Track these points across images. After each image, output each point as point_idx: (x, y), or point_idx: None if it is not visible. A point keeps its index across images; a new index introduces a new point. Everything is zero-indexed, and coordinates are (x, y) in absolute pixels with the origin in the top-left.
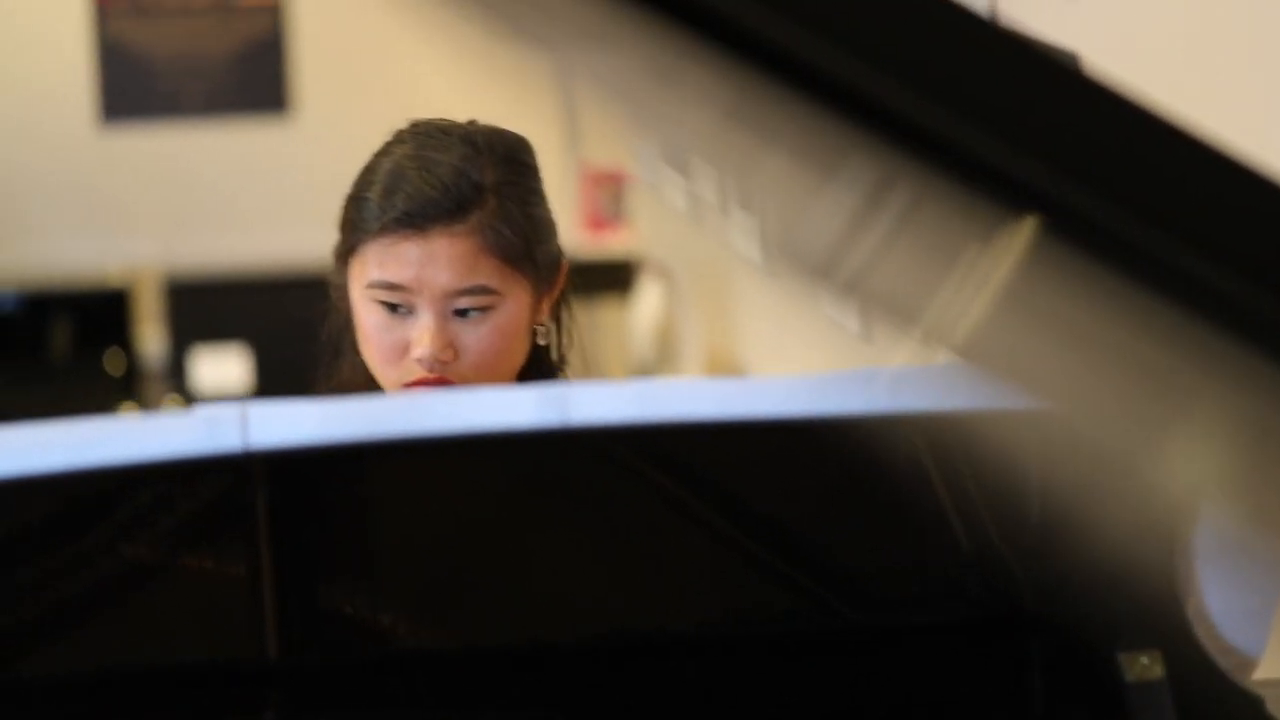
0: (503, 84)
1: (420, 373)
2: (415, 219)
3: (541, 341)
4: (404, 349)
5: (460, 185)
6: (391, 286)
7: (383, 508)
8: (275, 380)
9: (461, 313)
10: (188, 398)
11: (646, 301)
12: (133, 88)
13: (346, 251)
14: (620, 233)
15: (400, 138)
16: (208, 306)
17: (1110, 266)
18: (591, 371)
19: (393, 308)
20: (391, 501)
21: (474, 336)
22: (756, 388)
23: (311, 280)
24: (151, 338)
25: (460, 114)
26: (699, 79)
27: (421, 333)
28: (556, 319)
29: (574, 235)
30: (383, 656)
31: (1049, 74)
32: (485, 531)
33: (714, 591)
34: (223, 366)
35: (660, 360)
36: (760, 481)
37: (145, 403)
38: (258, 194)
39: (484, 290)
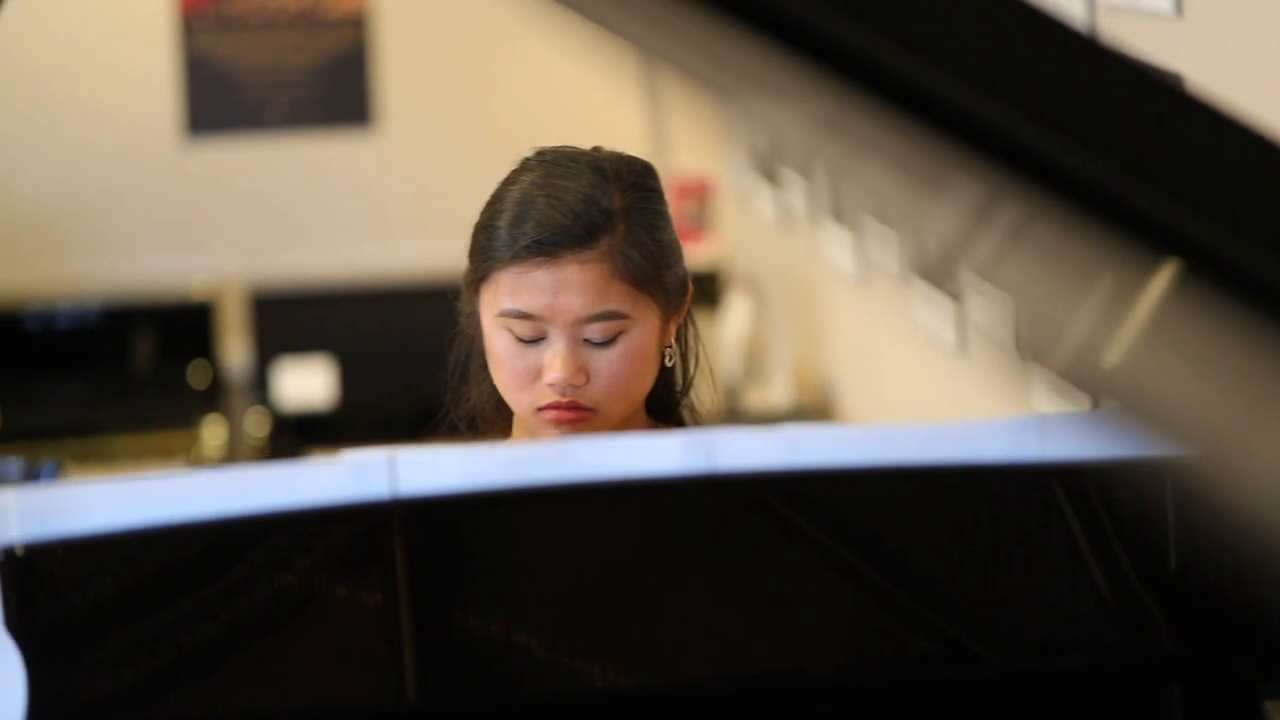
0: (587, 95)
1: (552, 397)
2: (546, 246)
3: (668, 363)
4: (536, 374)
5: (589, 212)
6: (523, 315)
7: (528, 553)
8: (358, 392)
9: (593, 338)
10: (271, 410)
11: (735, 315)
12: (217, 101)
13: (477, 279)
14: (706, 243)
15: (527, 165)
16: (291, 319)
17: (1239, 303)
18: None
19: (524, 335)
20: (536, 547)
21: (605, 361)
22: (903, 434)
23: (394, 293)
24: (235, 350)
25: (544, 125)
26: (798, 91)
27: (554, 358)
28: (682, 342)
29: None
30: (521, 698)
31: (1153, 93)
32: (627, 576)
33: (854, 635)
34: (306, 379)
35: (748, 374)
36: (903, 527)
37: (229, 415)
38: (341, 207)
39: (615, 315)
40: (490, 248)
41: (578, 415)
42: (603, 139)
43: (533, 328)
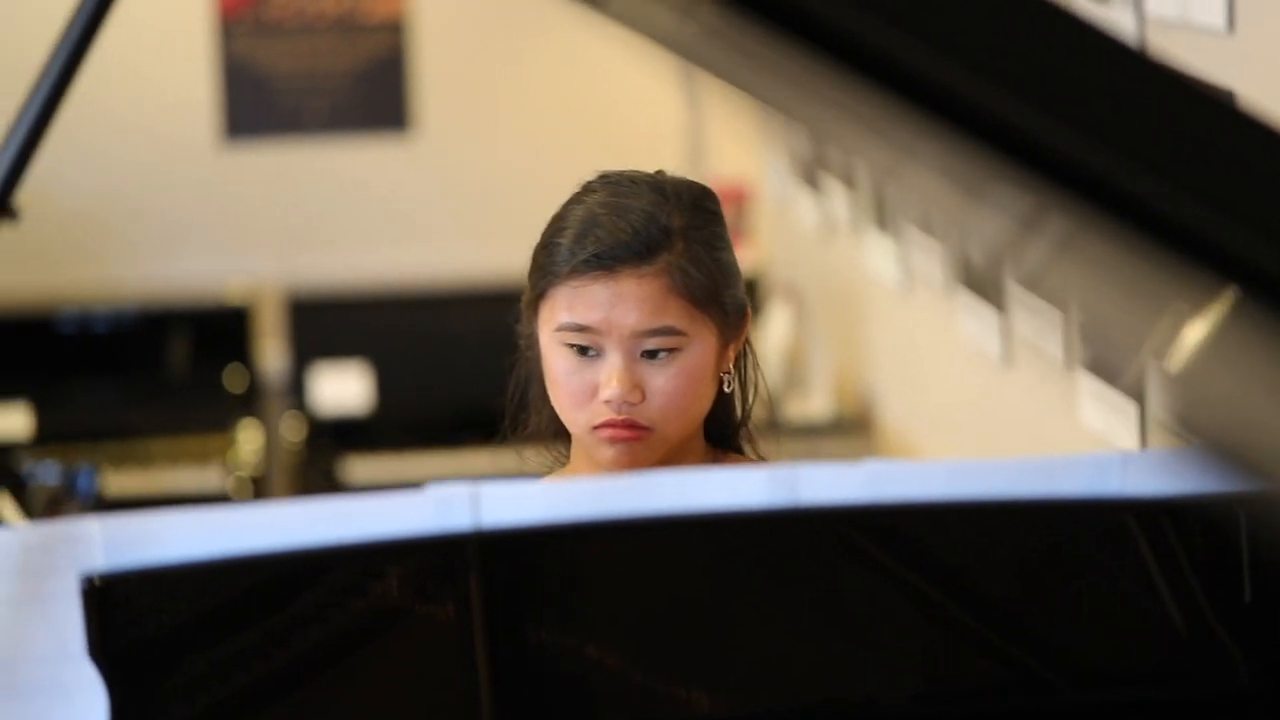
0: (625, 101)
1: (608, 414)
2: (605, 260)
3: (726, 389)
4: (592, 392)
5: (649, 228)
6: (580, 328)
7: (609, 586)
8: (394, 397)
9: (650, 355)
10: (307, 415)
11: (775, 324)
12: (256, 105)
13: (535, 298)
14: (744, 250)
15: (590, 187)
16: (328, 323)
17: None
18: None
19: (581, 351)
20: (618, 580)
21: (661, 378)
22: (984, 469)
23: (431, 298)
24: (271, 354)
25: (581, 131)
26: (844, 99)
27: (609, 374)
28: (740, 370)
29: None
30: None
31: (1204, 109)
32: (707, 609)
33: (930, 667)
34: (342, 383)
35: (789, 384)
36: (982, 560)
37: (265, 420)
38: (378, 211)
39: (671, 331)
40: (550, 265)
41: (633, 434)
42: (640, 145)
43: (589, 341)
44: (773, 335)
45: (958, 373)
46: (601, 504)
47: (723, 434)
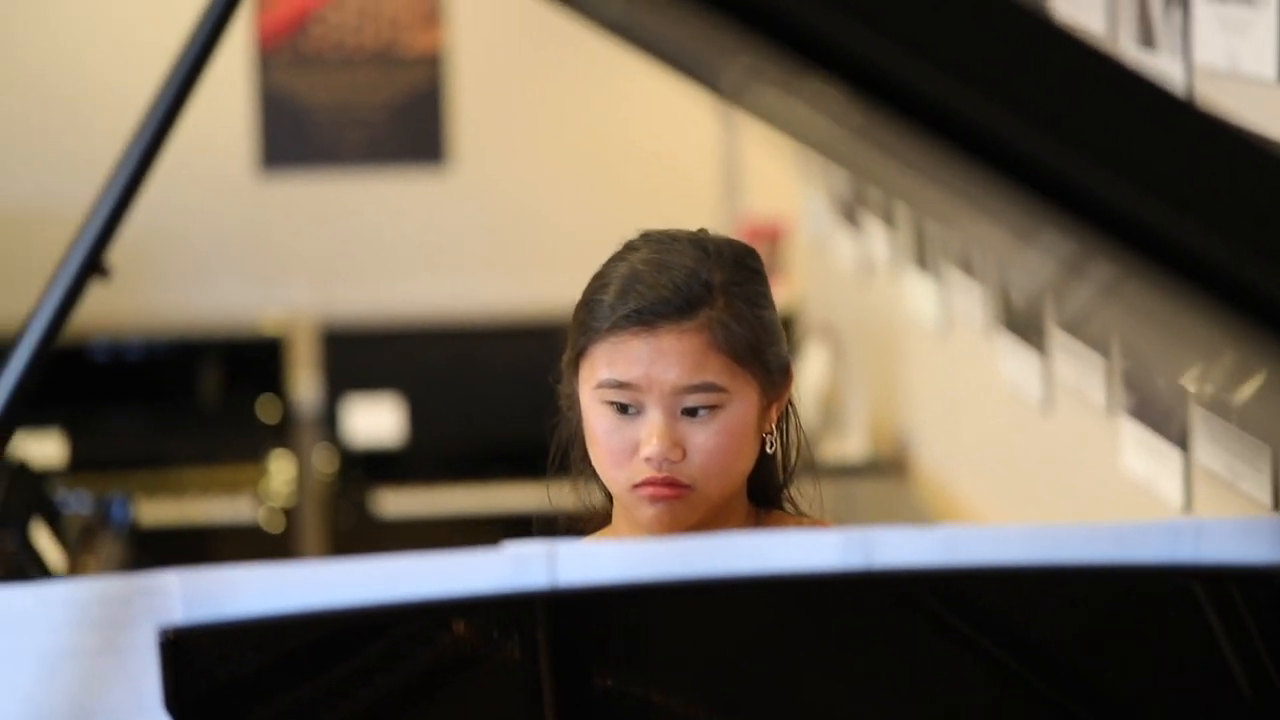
0: (661, 136)
1: (648, 472)
2: (645, 316)
3: (769, 449)
4: (633, 450)
5: (689, 284)
6: (620, 385)
7: (682, 646)
8: (427, 430)
9: (690, 412)
10: (339, 447)
11: (812, 365)
12: (293, 136)
13: (576, 356)
14: (778, 288)
15: (632, 245)
16: (362, 355)
17: None
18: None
19: (622, 409)
20: (691, 641)
21: (702, 436)
22: (1057, 534)
23: (465, 331)
24: (305, 385)
25: (616, 166)
26: (892, 142)
27: (650, 431)
28: (783, 431)
29: None
30: None
31: (1253, 160)
32: (780, 671)
33: None
34: (375, 415)
35: (824, 425)
36: (1055, 625)
37: (297, 451)
38: (414, 244)
39: (712, 387)
40: (591, 322)
41: (674, 492)
42: (676, 180)
43: (629, 397)
44: (809, 375)
45: (996, 416)
46: (677, 564)
47: (766, 493)
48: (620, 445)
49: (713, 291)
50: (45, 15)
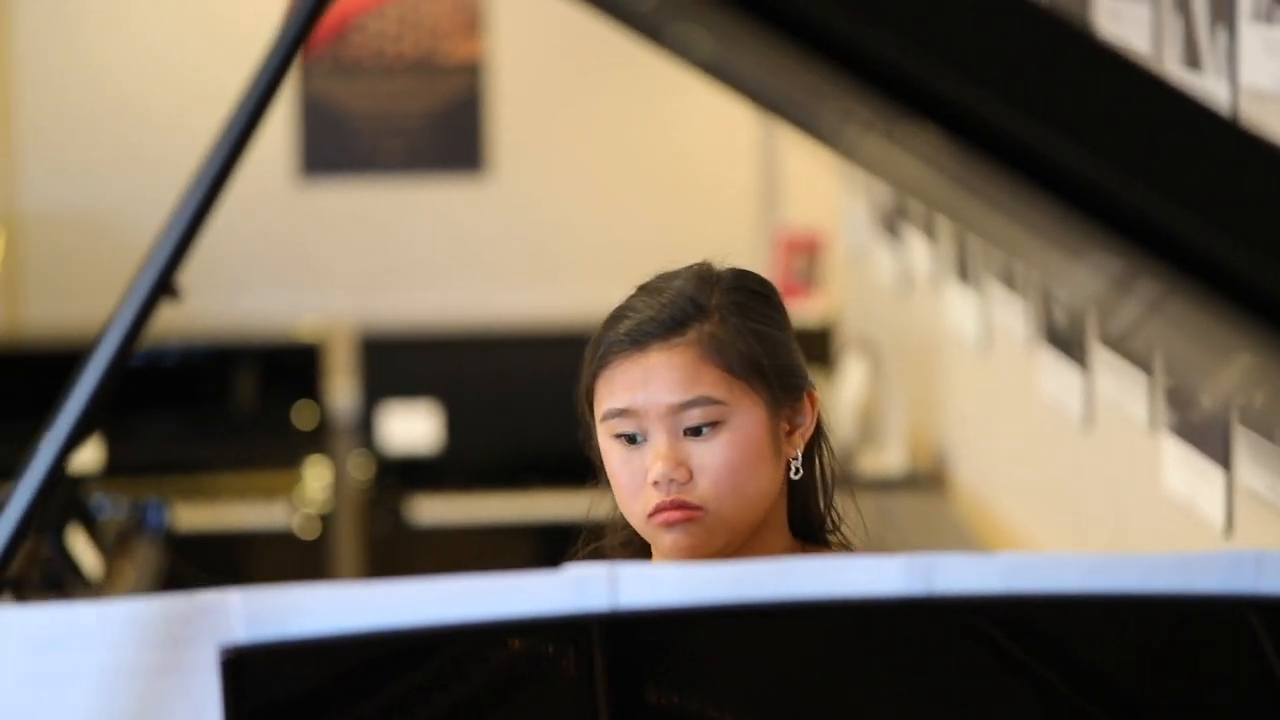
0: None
1: (658, 498)
2: (635, 336)
3: (794, 475)
4: (644, 479)
5: (679, 303)
6: (621, 413)
7: (740, 670)
8: (463, 438)
9: (694, 432)
10: (375, 454)
11: (850, 378)
12: (332, 143)
13: (588, 394)
14: (814, 300)
15: (642, 284)
16: (399, 362)
17: None
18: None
19: (630, 440)
20: (750, 665)
21: (708, 454)
22: (1117, 563)
23: (502, 339)
24: (342, 392)
25: (655, 175)
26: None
27: (654, 456)
28: (815, 460)
29: None
30: None
31: None
32: (839, 696)
33: None
34: (412, 423)
35: (862, 438)
36: (1114, 654)
37: (333, 457)
38: (452, 252)
39: (708, 400)
40: (593, 357)
41: (684, 515)
42: (714, 190)
43: (633, 425)
44: (847, 388)
45: (1036, 431)
46: (738, 588)
47: (807, 526)
48: (631, 477)
49: (705, 310)
50: (117, 18)
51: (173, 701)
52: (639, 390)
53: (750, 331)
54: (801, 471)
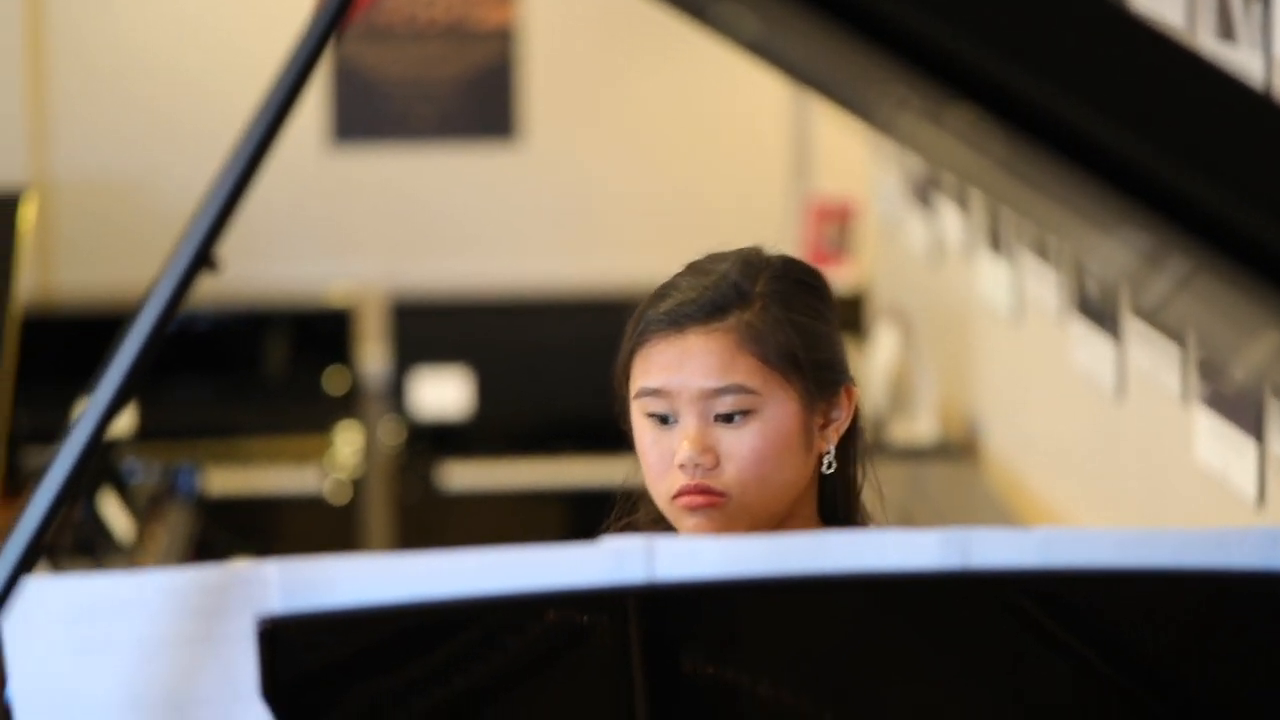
0: (732, 113)
1: (683, 480)
2: (674, 318)
3: (826, 470)
4: (671, 460)
5: (720, 287)
6: (653, 392)
7: (776, 643)
8: (494, 404)
9: (725, 419)
10: (406, 419)
11: (882, 346)
12: (364, 109)
13: (625, 369)
14: (844, 267)
15: (688, 263)
16: (430, 328)
17: None
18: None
19: (661, 420)
20: (785, 638)
21: (737, 442)
22: (1154, 538)
23: (533, 305)
24: (373, 357)
25: (686, 142)
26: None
27: (682, 438)
28: (850, 457)
29: None
30: None
31: None
32: (873, 670)
33: None
34: (442, 388)
35: (893, 407)
36: (1150, 629)
37: (364, 422)
38: (483, 218)
39: (741, 389)
40: (632, 334)
41: (707, 499)
42: (745, 158)
43: (665, 405)
44: (878, 357)
45: (1068, 402)
46: (775, 561)
47: (835, 519)
48: (660, 457)
49: (747, 297)
50: None
51: (208, 671)
52: (673, 372)
53: (790, 323)
54: (835, 465)
